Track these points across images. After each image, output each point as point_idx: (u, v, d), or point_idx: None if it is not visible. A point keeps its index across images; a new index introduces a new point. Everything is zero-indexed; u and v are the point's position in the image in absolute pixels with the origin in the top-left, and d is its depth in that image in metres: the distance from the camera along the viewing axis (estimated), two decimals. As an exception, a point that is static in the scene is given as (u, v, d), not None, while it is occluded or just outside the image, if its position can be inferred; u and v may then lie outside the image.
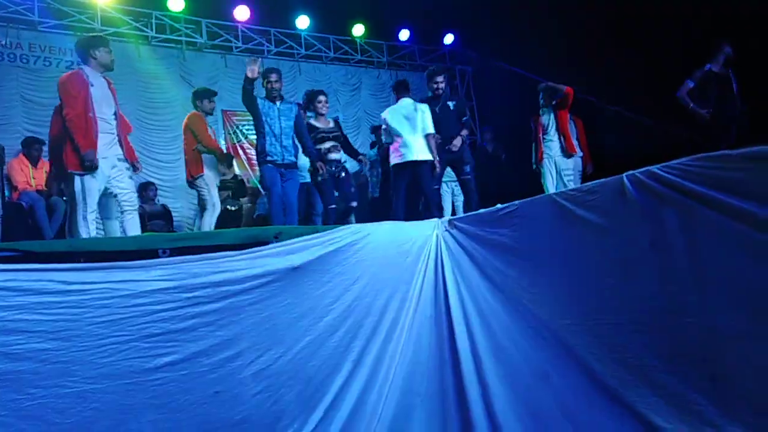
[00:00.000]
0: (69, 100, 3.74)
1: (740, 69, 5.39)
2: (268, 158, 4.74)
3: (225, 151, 8.49)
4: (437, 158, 5.02)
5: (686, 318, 2.19)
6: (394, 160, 5.13)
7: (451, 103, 5.33)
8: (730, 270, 2.09)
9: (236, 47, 8.95)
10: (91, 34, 4.20)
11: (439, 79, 5.33)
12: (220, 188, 5.90)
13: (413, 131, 5.05)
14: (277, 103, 4.84)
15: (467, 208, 5.22)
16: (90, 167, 3.69)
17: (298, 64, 9.45)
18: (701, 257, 2.19)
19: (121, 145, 3.99)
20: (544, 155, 5.63)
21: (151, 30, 8.28)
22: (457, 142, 5.14)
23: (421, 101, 5.30)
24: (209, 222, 5.15)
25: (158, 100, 8.32)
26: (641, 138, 6.35)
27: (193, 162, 5.16)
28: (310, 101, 5.35)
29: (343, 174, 5.31)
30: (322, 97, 5.28)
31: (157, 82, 8.37)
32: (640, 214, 2.40)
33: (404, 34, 9.83)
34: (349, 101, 9.71)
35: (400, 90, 5.42)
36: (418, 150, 4.98)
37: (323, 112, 5.28)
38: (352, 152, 5.67)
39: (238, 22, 8.81)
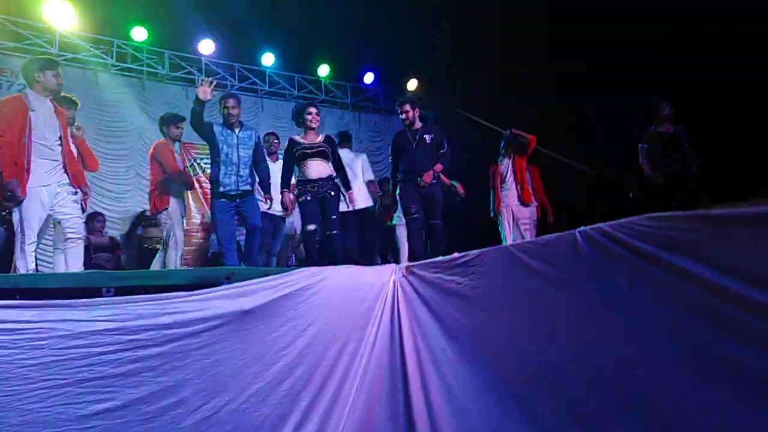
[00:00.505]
0: (1, 125, 3.57)
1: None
2: (221, 189, 4.52)
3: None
4: (377, 203, 5.51)
5: (635, 376, 2.21)
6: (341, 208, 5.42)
7: (428, 137, 4.94)
8: (678, 329, 2.13)
9: (199, 80, 8.89)
10: (38, 57, 4.04)
11: (406, 108, 4.99)
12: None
13: (355, 179, 5.53)
14: (236, 130, 4.63)
15: (432, 254, 4.79)
16: (11, 198, 3.53)
17: (261, 100, 9.47)
18: (650, 315, 2.23)
19: (66, 171, 3.83)
20: (502, 204, 5.74)
21: (112, 58, 8.16)
22: (427, 177, 4.71)
23: (397, 134, 5.07)
24: (174, 259, 4.94)
25: (113, 129, 8.12)
26: (599, 188, 6.58)
27: (158, 194, 4.98)
28: (299, 114, 4.80)
29: (332, 193, 4.68)
30: (312, 109, 4.74)
31: (114, 110, 8.20)
32: (592, 269, 2.44)
33: (369, 77, 10.01)
34: (311, 140, 9.75)
35: (342, 141, 5.95)
36: (361, 198, 5.51)
37: (313, 126, 4.73)
38: (342, 181, 4.94)
39: (203, 55, 8.79)
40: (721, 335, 1.93)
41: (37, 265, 3.90)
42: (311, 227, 4.59)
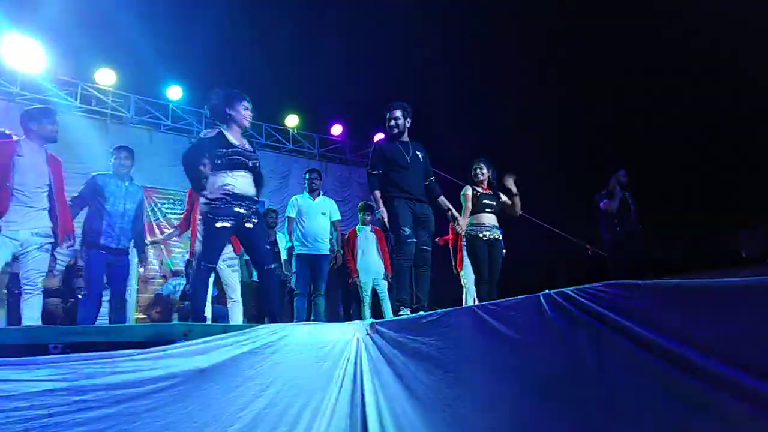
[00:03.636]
0: None
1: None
2: (101, 241, 4.45)
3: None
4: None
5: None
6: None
7: (420, 154, 4.23)
8: (639, 396, 2.14)
9: (164, 125, 8.86)
10: (34, 107, 4.06)
11: (397, 114, 4.20)
12: None
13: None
14: (126, 182, 4.71)
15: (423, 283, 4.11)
16: None
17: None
18: (612, 381, 2.24)
19: (52, 219, 3.80)
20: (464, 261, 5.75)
21: (76, 100, 8.06)
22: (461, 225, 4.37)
23: (386, 143, 4.27)
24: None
25: (73, 171, 7.90)
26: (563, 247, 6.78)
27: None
28: (227, 103, 3.65)
29: (255, 221, 3.63)
30: (247, 103, 3.71)
31: (75, 152, 8.01)
32: (556, 334, 2.45)
33: (336, 129, 10.15)
34: (278, 188, 9.74)
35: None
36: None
37: (245, 124, 3.74)
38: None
39: (170, 100, 8.79)
40: (684, 407, 1.94)
41: None
42: (211, 265, 3.56)
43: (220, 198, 3.47)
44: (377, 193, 4.06)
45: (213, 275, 4.57)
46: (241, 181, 3.57)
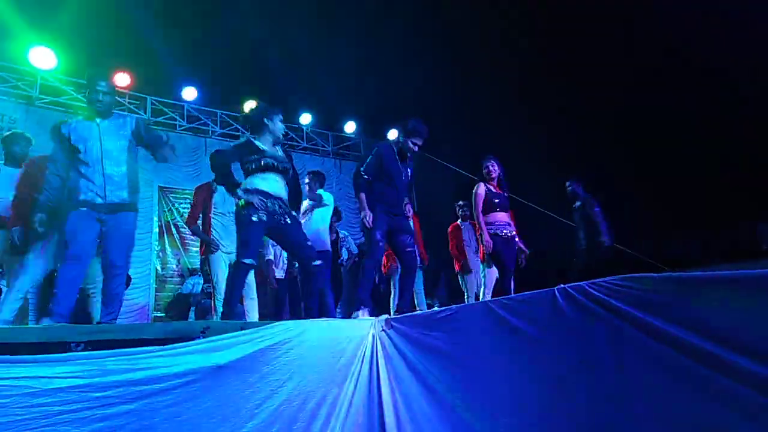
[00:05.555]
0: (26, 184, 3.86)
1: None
2: (81, 197, 3.36)
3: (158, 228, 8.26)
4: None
5: (615, 438, 2.19)
6: None
7: (410, 171, 4.45)
8: (656, 390, 2.13)
9: (180, 126, 8.95)
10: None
11: (421, 142, 4.35)
12: None
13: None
14: (97, 120, 3.52)
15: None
16: (14, 245, 3.65)
17: (242, 145, 9.52)
18: (628, 375, 2.23)
19: None
20: (471, 266, 5.78)
21: (93, 102, 8.17)
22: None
23: (389, 153, 4.34)
24: None
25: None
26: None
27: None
28: (265, 114, 3.85)
29: (289, 221, 3.76)
30: (281, 116, 3.93)
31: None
32: (571, 328, 2.44)
33: (350, 126, 10.17)
34: (292, 186, 9.76)
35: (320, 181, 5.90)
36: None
37: (279, 134, 3.91)
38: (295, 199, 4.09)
39: (185, 101, 8.88)
40: (701, 399, 1.93)
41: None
42: (249, 261, 3.58)
43: (252, 192, 3.62)
44: (363, 196, 4.12)
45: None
46: (272, 183, 3.72)
